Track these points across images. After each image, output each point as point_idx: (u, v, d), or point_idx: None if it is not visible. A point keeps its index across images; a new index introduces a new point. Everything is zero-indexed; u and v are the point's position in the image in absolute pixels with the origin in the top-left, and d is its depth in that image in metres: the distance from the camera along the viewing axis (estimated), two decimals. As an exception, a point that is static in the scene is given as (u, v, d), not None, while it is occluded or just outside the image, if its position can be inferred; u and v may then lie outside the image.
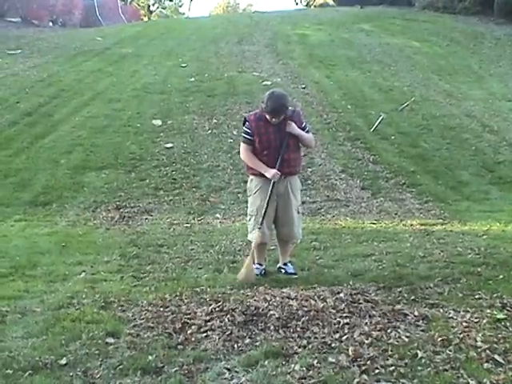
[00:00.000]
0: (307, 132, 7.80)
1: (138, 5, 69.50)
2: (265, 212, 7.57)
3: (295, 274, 7.76)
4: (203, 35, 32.21)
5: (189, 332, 5.71)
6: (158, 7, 76.65)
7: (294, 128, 7.50)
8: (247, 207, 8.01)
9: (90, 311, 6.23)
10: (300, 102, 19.73)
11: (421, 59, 28.36)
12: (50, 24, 44.70)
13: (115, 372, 4.92)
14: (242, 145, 7.79)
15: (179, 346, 5.42)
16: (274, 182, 7.48)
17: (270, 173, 7.45)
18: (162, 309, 6.35)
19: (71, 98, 20.90)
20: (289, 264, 7.98)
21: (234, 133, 17.00)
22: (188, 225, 11.46)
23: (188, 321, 5.97)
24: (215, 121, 18.23)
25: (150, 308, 6.39)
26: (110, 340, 5.51)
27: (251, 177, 7.83)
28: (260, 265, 7.93)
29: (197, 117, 18.62)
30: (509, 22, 36.57)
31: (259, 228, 7.64)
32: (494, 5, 37.55)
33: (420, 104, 20.62)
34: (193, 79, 22.64)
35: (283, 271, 7.88)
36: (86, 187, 13.85)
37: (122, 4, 56.63)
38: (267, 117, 7.47)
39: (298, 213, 7.90)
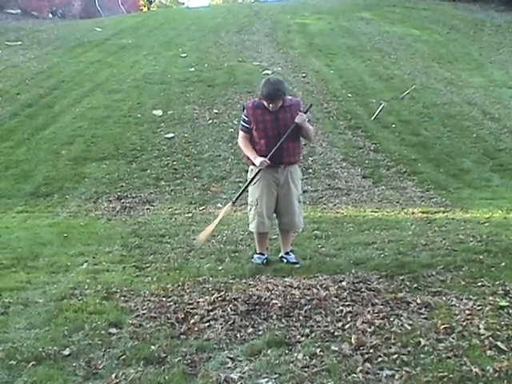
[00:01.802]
0: (309, 122, 7.78)
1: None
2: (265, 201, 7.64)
3: (297, 263, 7.76)
4: (203, 25, 32.13)
5: (191, 322, 5.71)
6: (157, -3, 76.47)
7: (303, 120, 7.50)
8: (248, 197, 8.01)
9: (92, 302, 6.23)
10: (300, 91, 19.72)
11: (421, 47, 28.31)
12: (50, 15, 44.55)
13: (118, 362, 4.91)
14: (240, 132, 7.82)
15: (182, 336, 5.42)
16: (259, 170, 7.49)
17: (258, 161, 7.45)
18: (164, 299, 6.36)
19: (71, 89, 20.88)
20: (291, 253, 7.98)
21: (235, 122, 16.98)
22: (189, 214, 11.46)
23: (190, 310, 5.97)
24: (216, 111, 18.21)
25: (152, 298, 6.39)
26: (113, 330, 5.52)
27: (251, 167, 7.82)
28: (262, 254, 7.93)
29: (197, 107, 18.62)
30: (509, 9, 36.55)
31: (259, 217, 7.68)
32: (494, -8, 37.53)
33: (420, 92, 20.60)
34: (193, 69, 22.62)
35: (285, 261, 7.87)
36: (87, 178, 13.85)
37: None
38: (265, 104, 7.47)
39: (299, 202, 7.90)
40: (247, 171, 8.09)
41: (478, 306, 5.84)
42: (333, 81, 21.70)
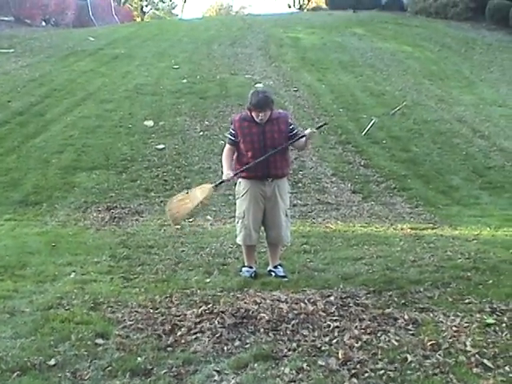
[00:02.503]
0: (296, 133, 7.79)
1: (131, 6, 69.55)
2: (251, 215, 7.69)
3: (285, 277, 7.75)
4: (196, 37, 32.20)
5: (178, 334, 5.70)
6: (151, 8, 76.69)
7: (312, 136, 7.68)
8: (235, 210, 8.02)
9: (79, 312, 6.22)
10: (292, 105, 19.76)
11: (412, 64, 28.43)
12: (43, 23, 44.60)
13: (104, 373, 4.91)
14: (226, 145, 7.90)
15: (169, 348, 5.42)
16: (222, 181, 7.75)
17: (224, 174, 7.65)
18: (151, 310, 6.35)
19: (63, 98, 20.86)
20: (279, 267, 7.97)
21: (226, 135, 16.99)
22: (178, 226, 11.44)
23: (178, 323, 5.97)
24: (207, 123, 18.21)
25: (139, 309, 6.38)
26: (99, 341, 5.51)
27: (239, 180, 7.85)
28: (250, 267, 7.93)
29: (188, 118, 18.61)
30: (500, 28, 36.74)
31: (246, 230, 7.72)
32: (485, 11, 37.68)
33: (411, 108, 20.66)
34: (185, 81, 22.63)
35: (273, 274, 7.87)
36: (77, 187, 13.81)
37: (115, 5, 56.60)
38: (253, 115, 7.51)
39: (286, 216, 7.91)
40: (235, 184, 8.10)
41: (465, 323, 5.86)
42: (324, 95, 21.75)
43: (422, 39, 34.09)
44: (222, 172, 7.81)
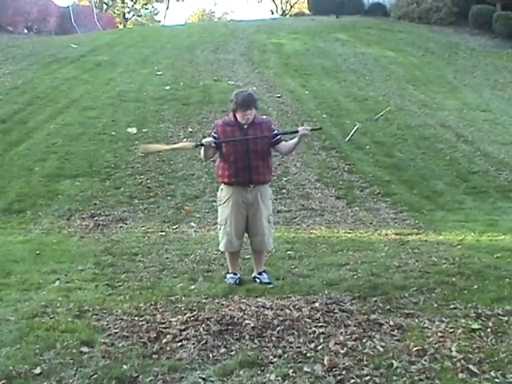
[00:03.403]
0: (279, 139, 7.79)
1: (114, 12, 69.46)
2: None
3: (270, 283, 7.75)
4: (179, 43, 32.19)
5: (164, 341, 5.69)
6: (133, 15, 76.62)
7: (305, 135, 7.68)
8: (218, 217, 8.03)
9: (64, 320, 6.19)
10: (275, 111, 19.79)
11: (396, 69, 28.54)
12: (25, 31, 44.49)
13: (90, 381, 4.89)
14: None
15: (154, 356, 5.40)
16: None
17: (205, 140, 7.78)
18: (136, 318, 6.32)
19: (46, 106, 20.78)
20: (263, 273, 7.96)
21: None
22: (163, 233, 11.42)
23: (163, 330, 5.95)
24: (190, 129, 18.20)
25: (124, 317, 6.36)
26: (85, 349, 5.48)
27: (222, 186, 7.88)
28: (234, 274, 7.92)
29: (172, 125, 18.59)
30: (483, 32, 36.97)
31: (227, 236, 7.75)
32: (468, 16, 37.88)
33: (395, 114, 20.73)
34: (168, 87, 22.61)
35: (258, 281, 7.87)
36: (61, 195, 13.76)
37: (97, 11, 56.55)
38: (239, 115, 7.55)
39: (269, 222, 7.92)
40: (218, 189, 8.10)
41: (451, 328, 5.87)
42: (308, 101, 21.79)
43: (405, 44, 34.25)
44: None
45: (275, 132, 7.80)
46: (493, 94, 26.11)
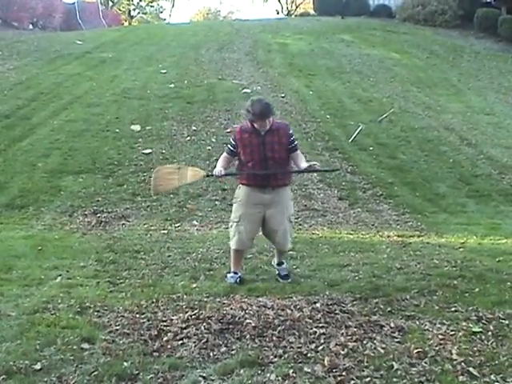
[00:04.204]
0: (295, 147, 7.76)
1: (119, 10, 69.46)
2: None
3: (288, 276, 7.88)
4: (184, 41, 32.17)
5: (165, 339, 5.69)
6: (138, 12, 76.62)
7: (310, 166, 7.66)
8: (231, 213, 8.05)
9: (65, 316, 6.19)
10: (279, 111, 19.73)
11: (400, 71, 28.49)
12: (30, 26, 44.46)
13: (90, 378, 4.89)
14: (224, 153, 7.96)
15: (155, 353, 5.40)
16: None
17: (216, 170, 7.79)
18: (137, 315, 6.33)
19: (50, 102, 20.79)
20: (283, 265, 8.06)
21: (213, 140, 17.02)
22: (165, 231, 11.43)
23: (164, 328, 5.95)
24: (194, 128, 18.20)
25: (125, 314, 6.36)
26: (86, 346, 5.48)
27: (240, 185, 7.88)
28: (235, 273, 7.91)
29: (176, 123, 18.59)
30: (488, 36, 36.90)
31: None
32: (474, 19, 37.83)
33: (399, 116, 20.72)
34: (172, 85, 22.60)
35: (277, 272, 7.99)
36: (63, 191, 13.78)
37: (102, 8, 56.48)
38: (255, 125, 7.53)
39: (290, 222, 7.92)
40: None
41: (451, 331, 5.87)
42: (312, 101, 21.77)
43: (410, 46, 34.18)
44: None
45: (292, 138, 7.77)
46: (497, 97, 26.08)
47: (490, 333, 5.84)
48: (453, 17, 39.34)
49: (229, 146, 7.83)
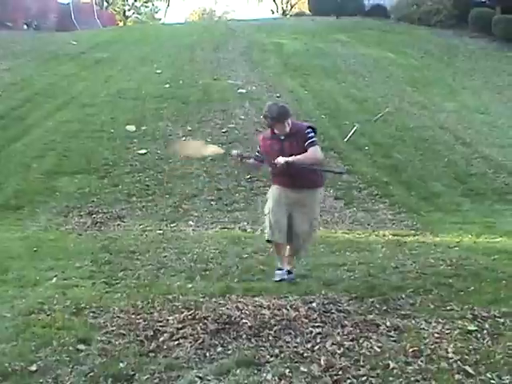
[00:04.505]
0: (310, 143, 7.68)
1: (114, 10, 69.42)
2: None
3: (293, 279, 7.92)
4: (178, 42, 32.14)
5: (161, 339, 5.67)
6: (133, 13, 76.57)
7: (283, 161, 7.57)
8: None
9: (60, 317, 6.17)
10: (274, 111, 19.71)
11: (395, 70, 28.50)
12: (25, 27, 44.39)
13: (86, 379, 4.88)
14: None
15: (151, 354, 5.39)
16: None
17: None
18: (133, 316, 6.31)
19: (44, 102, 20.79)
20: (291, 275, 7.98)
21: (208, 140, 16.97)
22: (160, 231, 11.42)
23: (160, 328, 5.93)
24: (189, 128, 18.19)
25: (121, 315, 6.34)
26: (81, 347, 5.47)
27: (273, 185, 8.01)
28: (280, 269, 7.92)
29: (171, 123, 18.58)
30: (483, 35, 36.92)
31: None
32: (468, 18, 37.86)
33: (394, 115, 20.71)
34: (167, 86, 22.59)
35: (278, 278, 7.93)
36: (59, 192, 13.77)
37: (97, 9, 56.45)
38: (275, 130, 7.63)
39: (311, 227, 7.95)
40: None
41: (447, 329, 5.86)
42: (307, 101, 21.76)
43: (405, 46, 34.17)
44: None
45: (309, 135, 7.73)
46: (491, 96, 26.10)
47: (485, 331, 5.84)
48: (447, 16, 39.35)
49: (256, 152, 7.99)
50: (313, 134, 7.75)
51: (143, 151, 16.34)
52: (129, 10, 75.03)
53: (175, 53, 29.23)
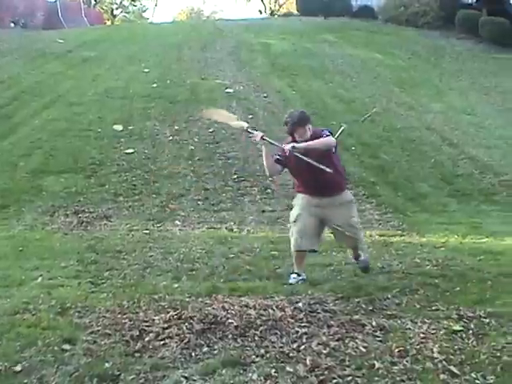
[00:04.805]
0: (326, 136, 7.77)
1: (102, 9, 69.27)
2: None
3: (366, 268, 8.13)
4: (166, 41, 32.05)
5: (146, 339, 5.66)
6: (121, 11, 76.42)
7: (288, 149, 7.54)
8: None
9: (46, 317, 6.15)
10: (262, 111, 19.76)
11: (383, 71, 28.53)
12: (12, 25, 44.22)
13: (71, 379, 4.86)
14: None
15: (136, 354, 5.37)
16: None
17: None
18: (119, 315, 6.28)
19: (31, 101, 20.71)
20: (360, 258, 8.19)
21: (195, 140, 17.00)
22: (147, 231, 11.39)
23: (146, 328, 5.92)
24: (176, 127, 18.16)
25: (107, 315, 6.32)
26: (66, 347, 5.45)
27: (298, 194, 8.03)
28: (298, 274, 7.86)
29: (158, 123, 18.55)
30: (469, 37, 37.06)
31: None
32: (455, 20, 37.98)
33: (381, 115, 20.74)
34: (155, 85, 22.53)
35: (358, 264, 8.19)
36: (45, 191, 13.72)
37: (85, 7, 56.29)
38: (296, 136, 7.65)
39: (353, 224, 7.97)
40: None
41: (433, 329, 5.88)
42: (294, 101, 21.73)
43: (392, 47, 34.20)
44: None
45: (323, 131, 7.87)
46: (478, 97, 26.17)
47: (470, 331, 5.86)
48: (435, 18, 39.44)
49: (276, 156, 7.84)
50: (329, 134, 7.80)
51: (130, 151, 16.31)
52: (116, 9, 74.88)
53: (163, 52, 29.16)
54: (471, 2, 39.14)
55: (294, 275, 7.87)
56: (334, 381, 4.82)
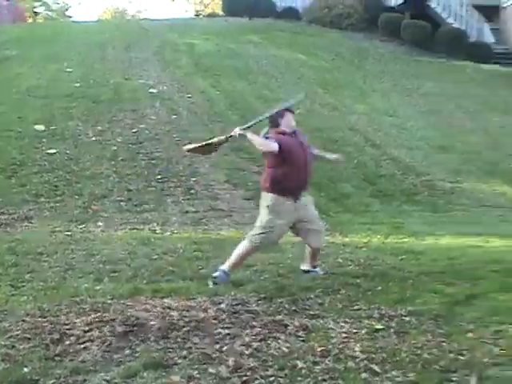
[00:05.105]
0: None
1: (25, 5, 68.06)
2: None
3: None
4: (90, 40, 31.63)
5: (67, 343, 5.59)
6: (44, 9, 75.21)
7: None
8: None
9: (-37, 321, 6.03)
10: (185, 111, 19.70)
11: (307, 72, 28.71)
12: None
13: (-12, 385, 4.77)
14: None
15: (56, 358, 5.29)
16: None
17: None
18: (39, 319, 6.19)
19: (-51, 100, 20.25)
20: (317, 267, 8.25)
21: (118, 140, 16.85)
22: (69, 233, 11.25)
23: (66, 331, 5.84)
24: (99, 128, 17.97)
25: (27, 318, 6.22)
26: (-16, 352, 5.35)
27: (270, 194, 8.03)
28: (228, 275, 7.84)
29: (81, 123, 18.33)
30: (392, 39, 37.59)
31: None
32: (378, 23, 38.50)
33: (304, 116, 20.84)
34: (78, 84, 22.24)
35: (311, 273, 8.14)
36: (-37, 192, 13.44)
37: (6, 3, 55.20)
38: (285, 123, 8.16)
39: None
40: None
41: (355, 329, 5.96)
42: (218, 102, 21.76)
43: (316, 48, 34.41)
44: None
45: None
46: (400, 99, 26.55)
47: (392, 330, 5.95)
48: (359, 20, 39.83)
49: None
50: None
51: (52, 151, 16.07)
52: (40, 6, 73.61)
53: (86, 51, 28.77)
54: (394, 6, 39.67)
55: (223, 273, 7.83)
56: (257, 381, 4.83)
